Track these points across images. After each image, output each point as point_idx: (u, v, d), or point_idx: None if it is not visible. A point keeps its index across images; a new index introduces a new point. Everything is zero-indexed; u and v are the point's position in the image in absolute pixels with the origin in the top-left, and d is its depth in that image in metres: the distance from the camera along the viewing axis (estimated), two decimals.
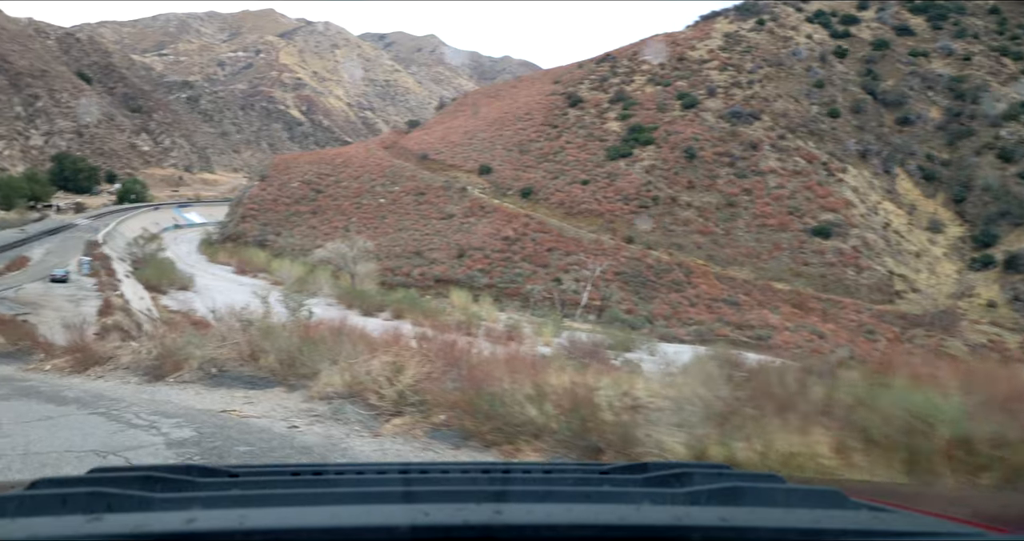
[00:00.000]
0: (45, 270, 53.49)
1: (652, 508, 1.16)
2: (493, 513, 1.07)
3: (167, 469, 1.41)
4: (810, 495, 1.28)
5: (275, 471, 1.65)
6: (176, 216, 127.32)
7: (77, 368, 7.71)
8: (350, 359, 5.78)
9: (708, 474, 1.45)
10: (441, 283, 74.57)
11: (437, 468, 1.69)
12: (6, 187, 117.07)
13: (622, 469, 1.62)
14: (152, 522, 1.02)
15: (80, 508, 1.08)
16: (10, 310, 39.05)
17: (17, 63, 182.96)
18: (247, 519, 1.03)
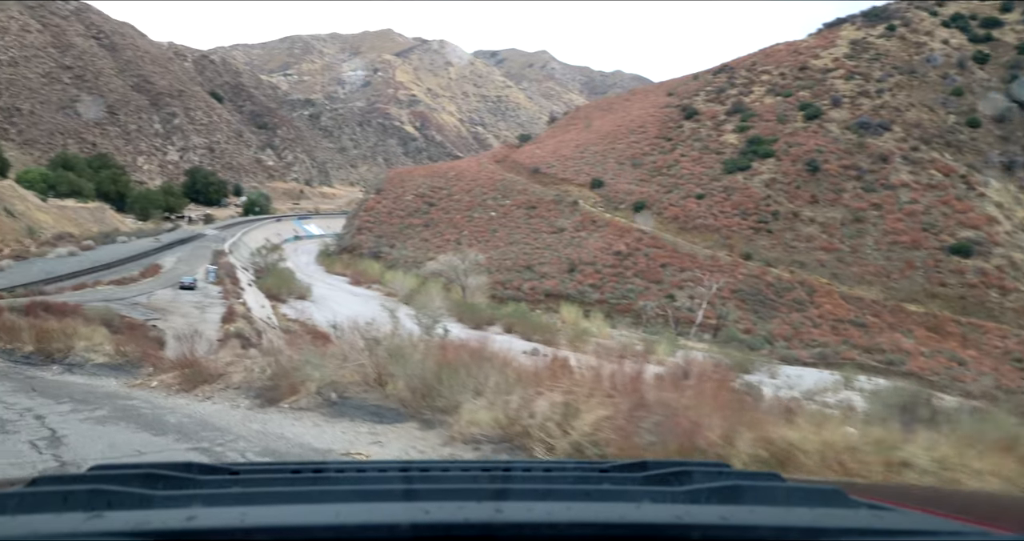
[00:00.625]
0: (175, 277, 55.76)
1: (652, 506, 1.17)
2: (494, 511, 1.07)
3: (168, 466, 1.41)
4: (810, 494, 1.29)
5: (276, 469, 1.66)
6: (296, 228, 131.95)
7: (185, 386, 7.01)
8: (501, 392, 4.71)
9: (708, 473, 1.45)
10: (551, 297, 73.61)
11: (438, 466, 1.67)
12: (144, 199, 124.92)
13: (622, 467, 1.61)
14: (153, 519, 1.02)
15: (81, 505, 1.08)
16: (142, 315, 40.65)
17: (158, 83, 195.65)
18: (248, 517, 1.03)
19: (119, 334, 36.05)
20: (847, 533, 1.08)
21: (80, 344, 8.65)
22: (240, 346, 39.43)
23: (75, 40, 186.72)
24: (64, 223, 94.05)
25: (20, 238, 79.06)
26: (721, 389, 4.57)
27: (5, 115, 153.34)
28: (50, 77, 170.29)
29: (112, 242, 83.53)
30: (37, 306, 35.32)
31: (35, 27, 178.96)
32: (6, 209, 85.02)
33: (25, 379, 7.75)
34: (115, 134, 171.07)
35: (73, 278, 53.95)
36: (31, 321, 10.69)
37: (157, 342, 36.94)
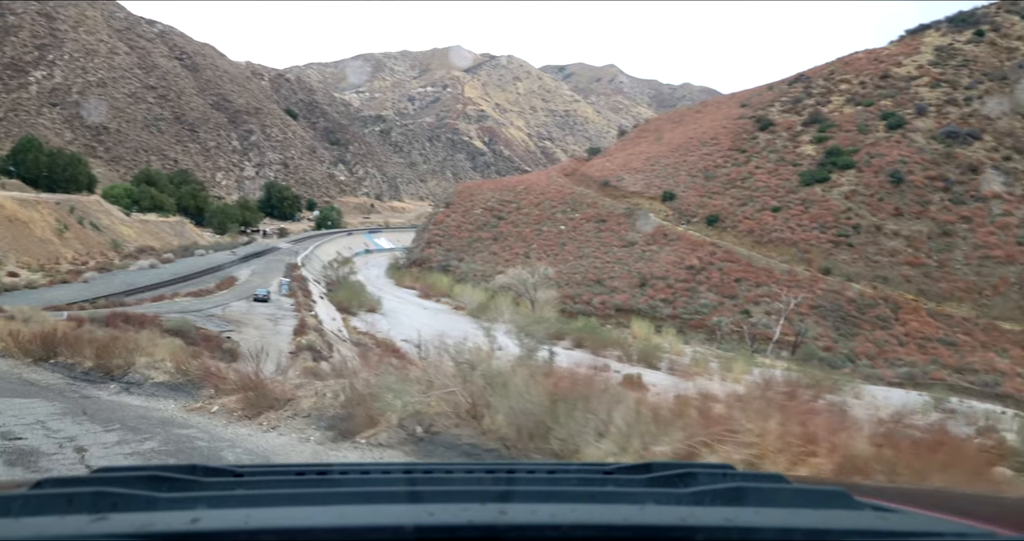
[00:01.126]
0: (249, 289, 56.53)
1: (656, 508, 1.17)
2: (498, 513, 1.07)
3: (172, 469, 1.42)
4: (815, 495, 1.29)
5: (280, 471, 1.66)
6: (367, 241, 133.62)
7: (248, 411, 6.29)
8: (635, 435, 3.78)
9: (712, 474, 1.45)
10: (622, 312, 72.14)
11: (442, 468, 1.68)
12: (221, 214, 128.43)
13: (626, 469, 1.61)
14: (157, 521, 1.03)
15: (85, 507, 1.09)
16: (217, 327, 41.05)
17: (236, 102, 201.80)
18: (252, 519, 1.04)
19: (194, 346, 36.28)
20: (852, 534, 1.09)
21: (141, 360, 8.06)
22: (311, 359, 39.42)
23: (159, 61, 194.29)
24: (146, 237, 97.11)
25: (105, 251, 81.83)
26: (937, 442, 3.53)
27: (94, 133, 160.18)
28: (136, 97, 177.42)
29: (190, 255, 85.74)
30: (117, 317, 35.92)
31: (123, 49, 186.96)
32: (92, 223, 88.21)
33: (79, 399, 7.18)
34: (195, 151, 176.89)
35: (153, 290, 55.24)
36: (92, 335, 10.28)
37: (230, 354, 37.17)
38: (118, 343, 8.51)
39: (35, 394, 7.29)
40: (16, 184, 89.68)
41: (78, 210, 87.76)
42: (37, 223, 77.11)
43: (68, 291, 51.92)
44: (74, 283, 57.37)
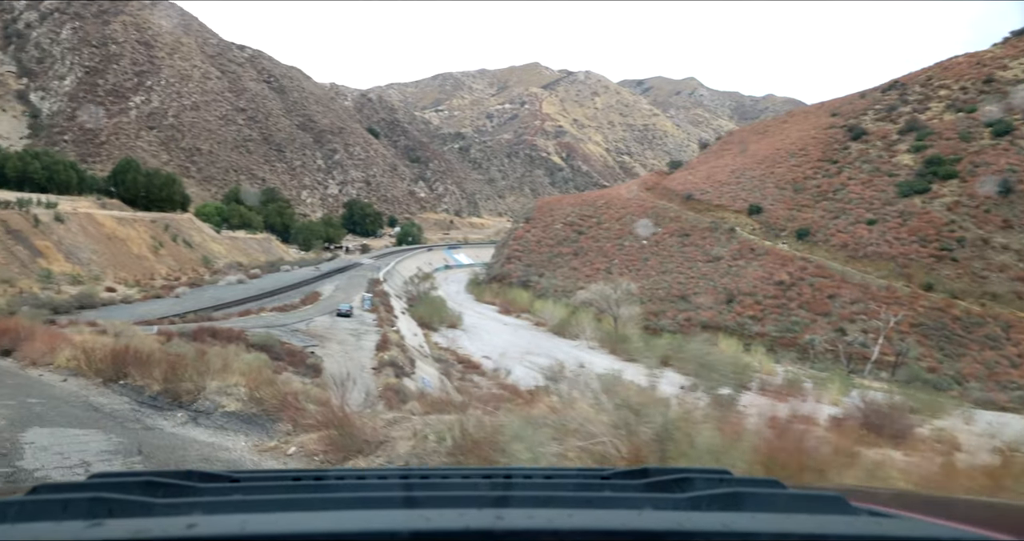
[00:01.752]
0: (333, 305, 56.89)
1: (654, 513, 1.17)
2: (495, 518, 1.07)
3: (168, 474, 1.41)
4: (812, 500, 1.29)
5: (276, 477, 1.67)
6: (447, 257, 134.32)
7: (332, 455, 5.32)
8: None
9: (709, 480, 1.45)
10: (708, 329, 69.57)
11: (438, 473, 1.69)
12: (306, 230, 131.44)
13: (624, 474, 1.62)
14: (153, 527, 1.03)
15: (81, 513, 1.08)
16: (301, 342, 41.12)
17: (320, 122, 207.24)
18: (248, 524, 1.03)
19: (279, 360, 36.23)
20: (848, 540, 1.10)
21: (211, 384, 7.24)
22: (394, 375, 38.95)
23: (249, 84, 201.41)
24: (235, 253, 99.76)
25: (196, 267, 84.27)
26: None
27: (187, 154, 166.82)
28: (226, 119, 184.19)
29: (276, 271, 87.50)
30: (204, 331, 36.27)
31: (215, 74, 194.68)
32: (185, 240, 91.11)
33: (139, 432, 6.40)
34: (282, 170, 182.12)
35: (240, 305, 56.16)
36: (163, 354, 9.66)
37: (314, 369, 37.04)
38: (188, 364, 7.75)
39: (93, 423, 6.57)
40: (116, 203, 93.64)
41: (172, 228, 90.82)
42: (134, 240, 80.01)
43: (160, 306, 53.25)
44: (166, 298, 58.93)
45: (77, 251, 69.08)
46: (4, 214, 65.85)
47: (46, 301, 49.02)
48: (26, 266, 60.93)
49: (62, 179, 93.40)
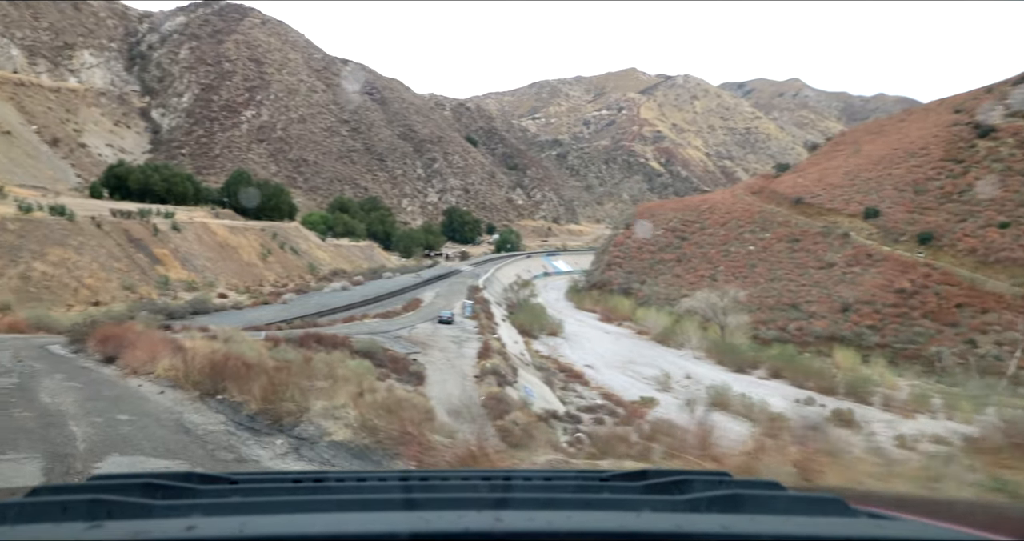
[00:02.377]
0: (434, 311, 56.78)
1: (652, 515, 1.17)
2: (494, 520, 1.08)
3: (167, 476, 1.41)
4: (811, 502, 1.29)
5: (276, 478, 1.67)
6: (545, 264, 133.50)
7: None
8: None
9: (708, 481, 1.45)
10: (822, 340, 66.06)
11: (438, 475, 1.70)
12: (407, 238, 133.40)
13: (623, 476, 1.62)
14: (152, 529, 1.03)
15: (80, 515, 1.09)
16: (403, 349, 40.92)
17: (420, 132, 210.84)
18: (247, 526, 1.03)
19: (382, 367, 35.95)
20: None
21: (316, 405, 6.33)
22: (496, 384, 38.12)
23: (351, 97, 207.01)
24: (339, 260, 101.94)
25: (302, 274, 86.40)
26: None
27: (294, 165, 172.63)
28: (331, 131, 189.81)
29: (378, 278, 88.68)
30: (311, 338, 36.45)
31: (320, 87, 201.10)
32: (292, 248, 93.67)
33: (232, 464, 5.49)
34: (383, 179, 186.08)
35: (344, 311, 56.80)
36: (264, 365, 8.94)
37: (417, 377, 36.65)
38: (289, 380, 6.89)
39: (181, 451, 5.78)
40: (228, 213, 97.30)
41: (280, 236, 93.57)
42: (245, 248, 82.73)
43: (268, 311, 54.44)
44: (274, 304, 60.29)
45: (192, 259, 71.80)
46: (126, 224, 69.11)
47: (163, 306, 50.83)
48: (146, 273, 63.64)
49: (179, 191, 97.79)
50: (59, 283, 54.24)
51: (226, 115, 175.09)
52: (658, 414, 42.76)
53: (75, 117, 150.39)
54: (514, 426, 33.00)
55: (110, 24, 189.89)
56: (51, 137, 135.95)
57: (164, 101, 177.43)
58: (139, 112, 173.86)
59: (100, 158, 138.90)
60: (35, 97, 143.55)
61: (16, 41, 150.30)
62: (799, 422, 40.93)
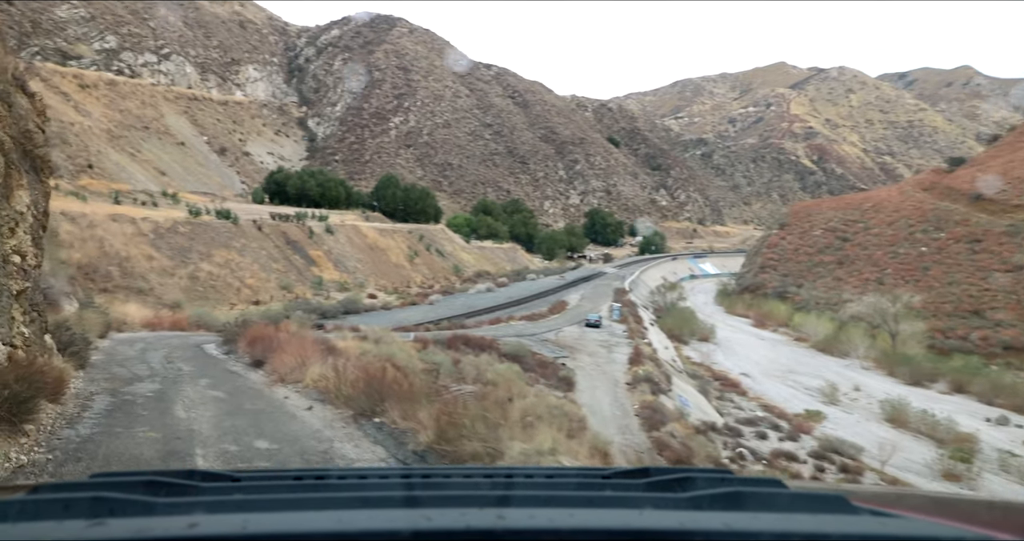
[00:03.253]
0: (580, 314, 55.27)
1: (654, 513, 1.17)
2: (496, 518, 1.08)
3: (170, 474, 1.42)
4: (813, 500, 1.29)
5: (278, 476, 1.68)
6: (692, 266, 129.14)
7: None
8: None
9: (711, 479, 1.45)
10: (1012, 351, 59.21)
11: (440, 473, 1.70)
12: (549, 240, 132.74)
13: (625, 474, 1.62)
14: (154, 527, 1.04)
15: (82, 513, 1.09)
16: (551, 353, 39.58)
17: (562, 133, 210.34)
18: (249, 524, 1.04)
19: (531, 372, 34.67)
20: (850, 539, 1.09)
21: (514, 447, 4.76)
22: (650, 392, 35.96)
23: (495, 100, 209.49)
24: (483, 262, 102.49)
25: (448, 275, 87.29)
26: None
27: (440, 169, 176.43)
28: (474, 134, 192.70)
29: (522, 279, 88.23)
30: (458, 339, 35.77)
31: (464, 93, 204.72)
32: (438, 250, 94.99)
33: None
34: (525, 181, 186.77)
35: (490, 312, 56.30)
36: (427, 385, 7.62)
37: (566, 382, 35.14)
38: (469, 411, 5.35)
39: None
40: (377, 216, 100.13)
41: (426, 238, 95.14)
42: (393, 250, 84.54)
43: (416, 312, 54.77)
44: (421, 305, 60.77)
45: (344, 260, 73.91)
46: (284, 226, 72.06)
47: (316, 306, 52.17)
48: (301, 274, 65.92)
49: (333, 195, 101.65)
50: (223, 283, 56.91)
51: (376, 122, 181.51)
52: (827, 430, 39.26)
53: (240, 128, 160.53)
54: (671, 439, 30.78)
55: (272, 40, 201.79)
56: (219, 147, 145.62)
57: (319, 111, 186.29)
58: (297, 122, 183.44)
59: (262, 165, 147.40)
60: (206, 110, 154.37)
61: (190, 59, 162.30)
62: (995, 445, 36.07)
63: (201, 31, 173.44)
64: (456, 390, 31.76)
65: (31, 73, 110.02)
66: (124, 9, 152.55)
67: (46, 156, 8.51)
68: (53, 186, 43.63)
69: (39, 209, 8.10)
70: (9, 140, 7.27)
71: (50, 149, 9.11)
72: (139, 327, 21.00)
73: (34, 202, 7.87)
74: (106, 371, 10.33)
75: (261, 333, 12.66)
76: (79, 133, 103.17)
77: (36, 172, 8.34)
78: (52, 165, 9.02)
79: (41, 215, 8.22)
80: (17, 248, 6.99)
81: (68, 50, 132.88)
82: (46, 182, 8.68)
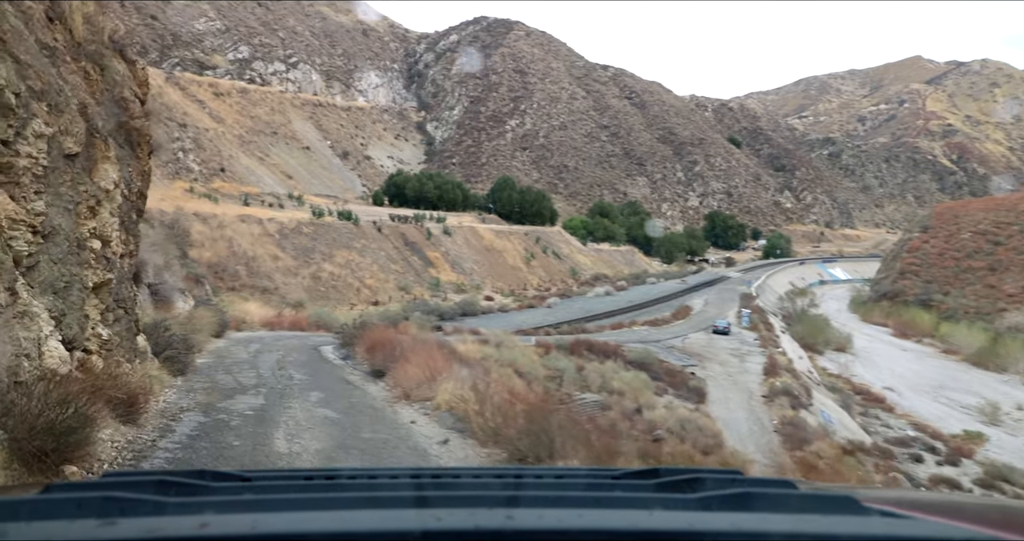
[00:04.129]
0: (705, 320, 52.41)
1: (664, 514, 1.17)
2: (505, 518, 1.08)
3: (180, 474, 1.42)
4: (823, 501, 1.28)
5: (288, 476, 1.69)
6: (820, 272, 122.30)
7: None
8: None
9: (720, 480, 1.44)
10: None
11: (449, 473, 1.70)
12: (668, 243, 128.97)
13: (634, 474, 1.62)
14: (165, 526, 1.04)
15: (94, 512, 1.09)
16: (678, 361, 37.20)
17: (681, 134, 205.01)
18: (260, 524, 1.04)
19: (658, 381, 32.44)
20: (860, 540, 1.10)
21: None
22: (789, 406, 32.94)
23: (611, 102, 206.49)
24: (599, 265, 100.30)
25: (564, 278, 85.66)
26: None
27: (556, 172, 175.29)
28: (591, 136, 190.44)
29: (642, 283, 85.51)
30: (581, 345, 33.96)
31: (580, 94, 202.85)
32: (554, 252, 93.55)
33: None
34: (643, 183, 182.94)
35: (610, 317, 54.24)
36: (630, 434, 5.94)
37: (697, 394, 32.70)
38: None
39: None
40: (493, 218, 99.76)
41: (543, 240, 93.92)
42: (509, 252, 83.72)
43: (533, 315, 53.39)
44: (538, 308, 59.37)
45: (461, 261, 73.58)
46: (403, 228, 72.46)
47: (434, 307, 51.63)
48: (419, 275, 65.92)
49: (450, 197, 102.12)
50: (344, 283, 57.42)
51: (492, 125, 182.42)
52: (991, 453, 35.00)
53: (362, 132, 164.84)
54: (818, 460, 27.84)
55: (392, 47, 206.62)
56: (342, 151, 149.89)
57: (438, 115, 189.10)
58: (416, 126, 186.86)
59: (382, 169, 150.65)
60: (329, 115, 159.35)
61: (316, 67, 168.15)
62: None
63: (327, 40, 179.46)
64: (580, 399, 29.97)
65: (171, 82, 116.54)
66: (256, 21, 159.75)
67: (144, 129, 7.41)
68: (187, 188, 44.33)
69: (132, 189, 6.97)
70: (94, 104, 6.07)
71: (151, 123, 8.03)
72: (258, 326, 20.41)
73: (125, 180, 6.72)
74: (208, 378, 9.21)
75: (381, 337, 11.29)
76: (213, 138, 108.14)
77: (131, 146, 7.23)
78: (152, 141, 7.96)
79: (135, 197, 7.10)
80: (98, 232, 5.83)
81: (205, 61, 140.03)
82: (144, 159, 7.59)
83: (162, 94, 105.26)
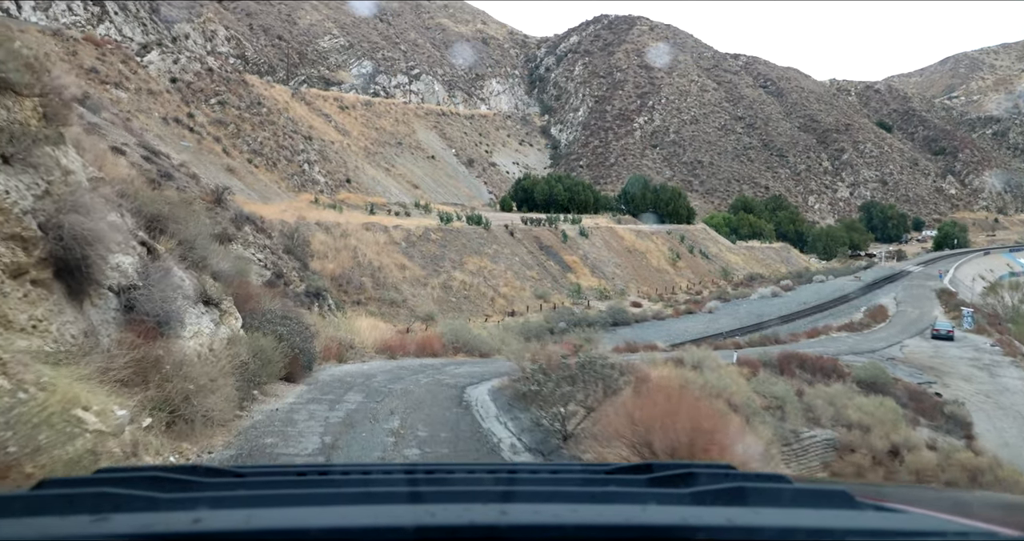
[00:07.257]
0: (911, 323, 43.14)
1: (658, 508, 1.16)
2: (499, 514, 1.07)
3: (174, 469, 1.41)
4: (817, 495, 1.28)
5: (281, 471, 1.67)
6: (1010, 262, 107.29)
7: None
8: None
9: (713, 474, 1.44)
10: None
11: (443, 468, 1.68)
12: (826, 238, 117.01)
13: (627, 469, 1.61)
14: (158, 522, 1.03)
15: (87, 508, 1.09)
16: (908, 376, 28.72)
17: (823, 121, 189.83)
18: (253, 519, 1.04)
19: (903, 407, 24.13)
20: (853, 534, 1.08)
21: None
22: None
23: (745, 92, 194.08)
24: (752, 264, 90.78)
25: (715, 279, 77.05)
26: None
27: (689, 168, 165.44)
28: (725, 129, 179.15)
29: (808, 282, 75.71)
30: (790, 360, 26.30)
31: (711, 86, 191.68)
32: (702, 251, 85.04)
33: None
34: (785, 176, 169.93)
35: (786, 322, 45.85)
36: None
37: (957, 423, 24.34)
38: None
39: None
40: (628, 219, 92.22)
41: (688, 239, 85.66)
42: (652, 253, 76.14)
43: (696, 323, 45.72)
44: (698, 314, 51.64)
45: (601, 265, 66.77)
46: (536, 231, 66.46)
47: (580, 317, 44.95)
48: (557, 281, 59.63)
49: (580, 199, 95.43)
50: (476, 292, 51.85)
51: (619, 124, 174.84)
52: None
53: (486, 140, 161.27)
54: None
55: (512, 53, 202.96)
56: (467, 159, 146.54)
57: (561, 117, 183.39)
58: (540, 130, 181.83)
59: (507, 175, 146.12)
60: (453, 124, 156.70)
61: (438, 78, 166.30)
62: None
63: (448, 51, 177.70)
64: (809, 437, 21.73)
65: (297, 98, 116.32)
66: (379, 36, 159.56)
67: None
68: (312, 199, 37.65)
69: None
70: None
71: None
72: (371, 351, 14.42)
73: None
74: None
75: (652, 400, 4.67)
76: (339, 150, 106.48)
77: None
78: None
79: None
80: None
81: (330, 77, 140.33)
82: None
83: (288, 109, 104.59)
